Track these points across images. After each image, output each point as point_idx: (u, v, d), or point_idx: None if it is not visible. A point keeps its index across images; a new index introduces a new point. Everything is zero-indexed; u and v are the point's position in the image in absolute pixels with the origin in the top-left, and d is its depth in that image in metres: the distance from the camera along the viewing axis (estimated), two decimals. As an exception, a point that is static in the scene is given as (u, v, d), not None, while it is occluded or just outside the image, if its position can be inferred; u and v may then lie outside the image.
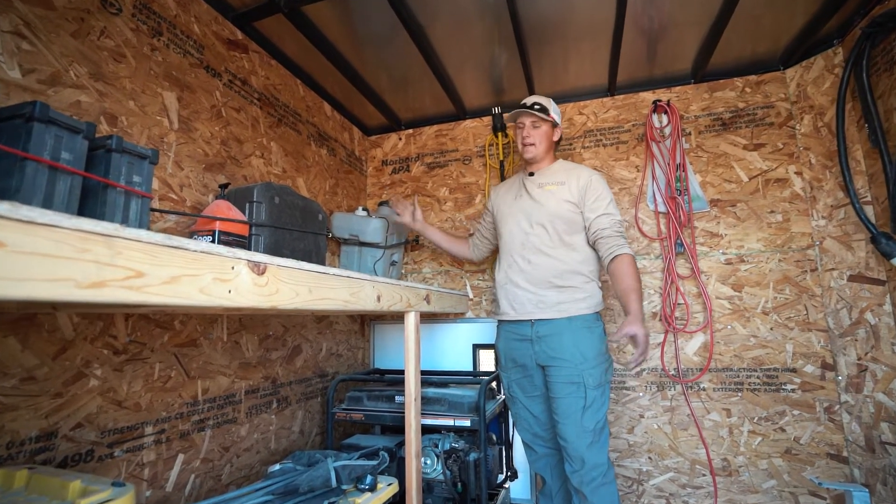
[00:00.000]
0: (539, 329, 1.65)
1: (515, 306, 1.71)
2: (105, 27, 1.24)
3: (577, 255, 1.67)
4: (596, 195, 1.67)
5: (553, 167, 1.79)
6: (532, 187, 1.76)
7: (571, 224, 1.68)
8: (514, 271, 1.73)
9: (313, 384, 2.06)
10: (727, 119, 2.14)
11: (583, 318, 1.62)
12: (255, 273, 0.86)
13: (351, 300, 1.18)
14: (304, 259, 1.76)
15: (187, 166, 1.47)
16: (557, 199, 1.69)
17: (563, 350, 1.59)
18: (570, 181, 1.70)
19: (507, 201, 1.84)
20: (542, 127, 1.75)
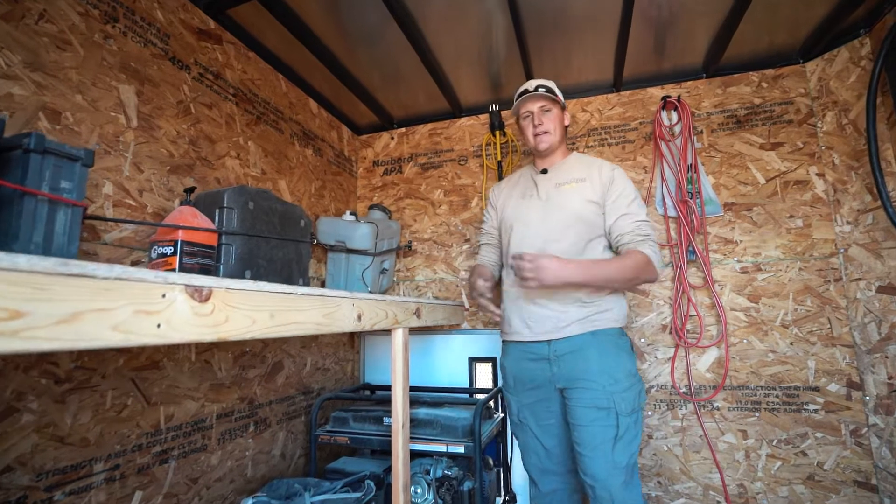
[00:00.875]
0: (558, 347, 1.40)
1: (531, 325, 1.44)
2: (45, 10, 1.08)
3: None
4: (618, 192, 1.43)
5: (569, 161, 1.54)
6: (546, 187, 1.51)
7: (592, 227, 1.44)
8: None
9: (297, 402, 1.91)
10: (742, 116, 1.99)
11: (608, 332, 1.39)
12: (196, 300, 0.71)
13: (324, 322, 1.03)
14: (284, 270, 1.61)
15: (148, 168, 1.32)
16: (581, 200, 1.44)
17: (587, 370, 1.34)
18: (592, 176, 1.46)
19: (515, 201, 1.58)
20: (553, 110, 1.51)
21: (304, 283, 1.70)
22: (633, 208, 1.42)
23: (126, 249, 1.24)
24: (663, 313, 1.97)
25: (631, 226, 1.40)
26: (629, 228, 1.40)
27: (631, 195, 1.44)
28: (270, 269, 1.54)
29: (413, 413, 1.71)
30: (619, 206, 1.42)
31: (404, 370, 1.46)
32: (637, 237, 1.38)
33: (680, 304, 1.92)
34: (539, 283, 1.25)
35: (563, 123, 1.54)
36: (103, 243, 1.18)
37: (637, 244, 1.37)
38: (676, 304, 1.92)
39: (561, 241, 1.43)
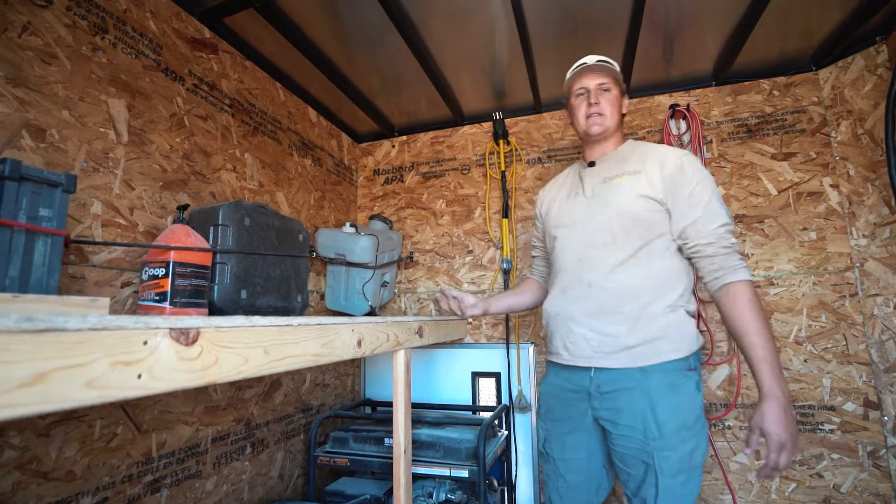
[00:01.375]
0: (600, 380, 1.19)
1: (569, 346, 1.24)
2: (29, 22, 1.03)
3: (657, 272, 1.17)
4: (690, 187, 1.15)
5: (622, 151, 1.31)
6: (593, 182, 1.29)
7: (650, 227, 1.18)
8: (568, 298, 1.26)
9: (295, 421, 1.86)
10: (753, 125, 1.93)
11: (664, 367, 1.12)
12: (182, 344, 0.65)
13: (323, 353, 0.98)
14: (282, 287, 1.56)
15: (140, 185, 1.27)
16: (631, 195, 1.20)
17: (630, 414, 1.13)
18: (649, 167, 1.21)
19: (559, 203, 1.39)
20: (613, 91, 1.28)
21: (302, 300, 1.64)
22: (712, 209, 1.14)
23: (116, 271, 1.19)
24: (672, 328, 1.91)
25: (711, 233, 1.13)
26: (709, 237, 1.13)
27: (707, 191, 1.15)
28: (268, 286, 1.49)
29: (415, 434, 1.66)
30: (692, 207, 1.14)
31: (406, 393, 1.40)
32: (721, 250, 1.12)
33: (690, 319, 1.86)
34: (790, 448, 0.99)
35: (622, 110, 1.32)
36: (91, 265, 1.13)
37: (729, 269, 1.11)
38: (686, 319, 1.86)
39: (608, 247, 1.20)
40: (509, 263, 2.11)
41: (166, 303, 1.15)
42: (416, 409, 1.99)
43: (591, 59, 1.32)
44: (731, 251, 1.13)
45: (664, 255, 1.18)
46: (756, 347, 1.04)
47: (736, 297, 1.09)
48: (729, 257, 1.12)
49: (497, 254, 2.18)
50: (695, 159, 1.21)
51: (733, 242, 1.14)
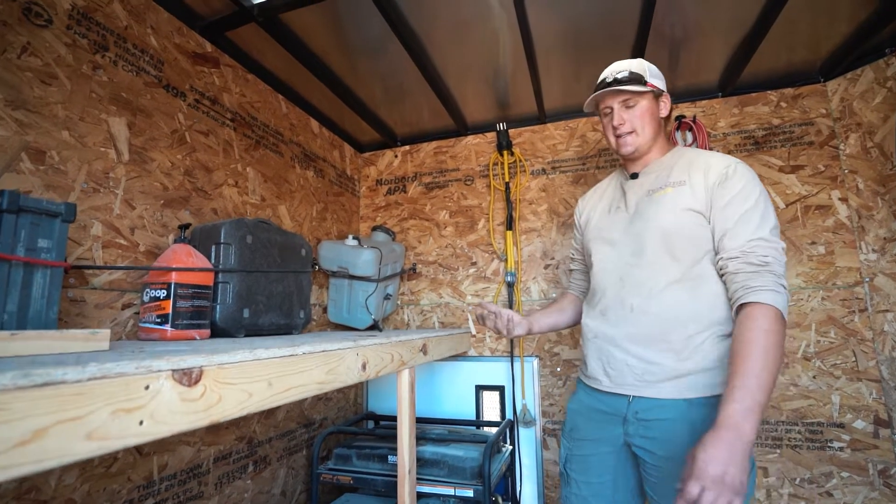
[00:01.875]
0: (639, 407, 1.08)
1: (610, 372, 1.14)
2: (29, 42, 1.01)
3: (709, 295, 1.04)
4: (730, 195, 1.01)
5: (666, 160, 1.17)
6: (636, 195, 1.18)
7: (698, 244, 1.05)
8: (609, 321, 1.15)
9: (298, 437, 1.84)
10: (760, 137, 1.91)
11: (714, 402, 0.94)
12: (185, 384, 0.63)
13: (327, 380, 0.96)
14: (284, 303, 1.54)
15: (141, 204, 1.25)
16: (674, 209, 1.07)
17: (671, 446, 1.00)
18: (694, 176, 1.08)
19: (599, 216, 1.28)
20: (641, 102, 1.15)
21: (305, 316, 1.63)
22: (750, 219, 0.98)
23: (116, 293, 1.17)
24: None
25: (738, 247, 0.98)
26: (735, 251, 0.98)
27: (748, 199, 1.00)
28: (270, 304, 1.47)
29: (419, 451, 1.64)
30: (728, 218, 1.00)
31: (411, 413, 1.39)
32: (746, 267, 0.96)
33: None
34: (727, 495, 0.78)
35: (658, 115, 1.17)
36: (92, 288, 1.11)
37: (751, 289, 0.93)
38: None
39: (653, 267, 1.09)
40: (513, 276, 2.09)
41: (168, 325, 1.13)
42: (420, 423, 1.97)
43: (610, 75, 1.18)
44: (760, 269, 0.94)
45: (714, 276, 1.05)
46: (742, 370, 0.86)
47: (748, 322, 0.91)
48: (756, 276, 0.94)
49: (501, 266, 2.16)
50: (745, 167, 1.06)
51: (766, 260, 0.94)
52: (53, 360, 0.62)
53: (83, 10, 1.13)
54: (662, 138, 1.20)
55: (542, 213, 2.15)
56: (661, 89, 1.17)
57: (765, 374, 0.86)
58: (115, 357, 0.65)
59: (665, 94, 1.19)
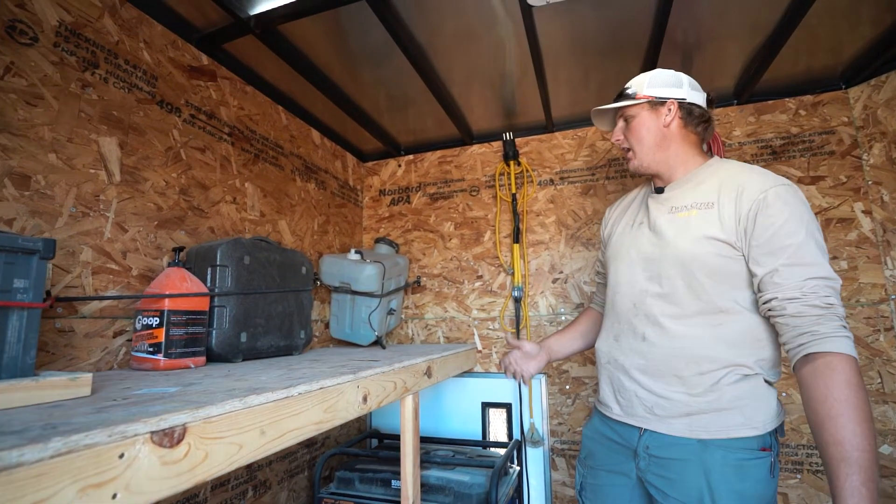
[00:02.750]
0: (650, 442, 1.01)
1: (621, 401, 1.09)
2: (13, 62, 0.97)
3: (728, 330, 0.96)
4: (776, 226, 0.89)
5: (697, 175, 1.06)
6: (659, 212, 1.08)
7: (721, 277, 0.96)
8: (621, 348, 1.10)
9: (299, 458, 1.79)
10: (778, 147, 1.84)
11: (731, 444, 0.92)
12: (166, 446, 0.58)
13: (325, 419, 0.90)
14: (284, 324, 1.48)
15: (133, 226, 1.20)
16: (694, 235, 0.98)
17: (684, 490, 0.94)
18: (724, 198, 0.97)
19: (622, 230, 1.20)
20: (638, 116, 1.09)
21: (305, 336, 1.57)
22: (804, 255, 0.87)
23: (108, 320, 1.12)
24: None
25: (796, 286, 0.86)
26: (793, 291, 0.86)
27: (799, 231, 0.88)
28: (269, 326, 1.42)
29: (423, 476, 1.58)
30: (773, 253, 0.89)
31: (414, 441, 1.33)
32: (810, 311, 0.84)
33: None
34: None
35: (659, 126, 1.08)
36: (81, 317, 1.07)
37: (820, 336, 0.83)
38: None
39: (668, 297, 1.01)
40: (520, 291, 2.03)
41: (160, 355, 1.08)
42: (425, 443, 1.91)
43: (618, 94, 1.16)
44: (825, 312, 0.83)
45: (741, 312, 0.96)
46: (845, 444, 0.76)
47: (825, 374, 0.80)
48: (823, 320, 0.83)
49: (508, 280, 2.10)
50: (788, 190, 0.92)
51: (831, 302, 0.84)
52: (23, 418, 0.57)
53: (71, 26, 1.08)
54: (680, 149, 1.09)
55: (551, 226, 2.09)
56: (662, 97, 1.07)
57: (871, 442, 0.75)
58: (91, 412, 0.60)
59: (670, 101, 1.07)
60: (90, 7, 1.13)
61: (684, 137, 1.09)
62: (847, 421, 0.77)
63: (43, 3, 1.03)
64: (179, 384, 0.86)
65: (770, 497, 0.92)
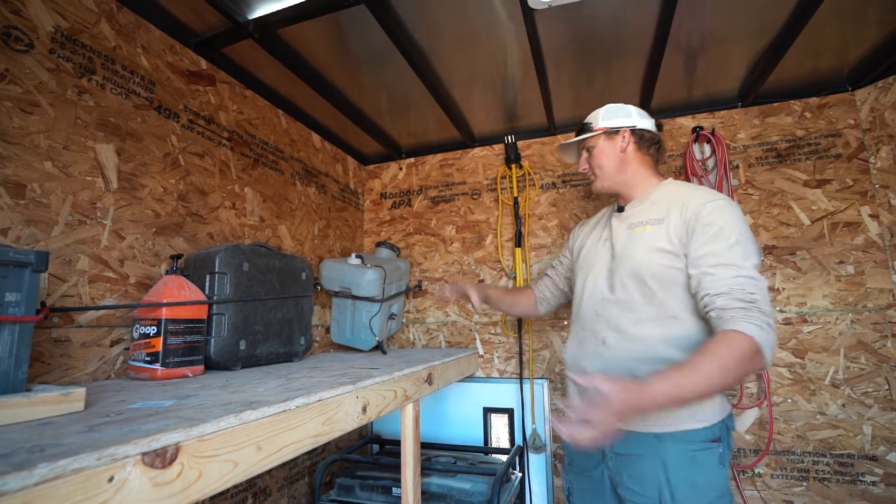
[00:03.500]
0: (614, 441, 1.11)
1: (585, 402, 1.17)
2: (7, 70, 0.96)
3: (677, 333, 1.06)
4: (710, 233, 1.01)
5: (652, 195, 1.20)
6: (619, 229, 1.21)
7: (670, 285, 1.07)
8: (584, 351, 1.21)
9: (299, 464, 1.77)
10: (783, 150, 1.81)
11: (683, 437, 1.02)
12: (158, 467, 0.56)
13: (324, 431, 0.89)
14: (283, 331, 1.46)
15: (131, 233, 1.19)
16: (649, 248, 1.10)
17: (644, 482, 1.05)
18: (672, 214, 1.09)
19: (589, 245, 1.32)
20: (598, 145, 1.25)
21: (306, 342, 1.56)
22: (731, 257, 0.97)
23: (105, 329, 1.11)
24: (697, 366, 1.80)
25: (725, 283, 0.95)
26: (722, 287, 0.95)
27: (730, 236, 0.99)
28: (269, 333, 1.40)
29: (425, 483, 1.57)
30: (707, 257, 1.00)
31: (415, 449, 1.31)
32: (735, 303, 0.92)
33: (716, 358, 1.74)
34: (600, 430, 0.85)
35: (616, 152, 1.23)
36: (77, 326, 1.05)
37: (734, 318, 0.91)
38: (712, 357, 1.74)
39: (625, 304, 1.12)
40: (523, 295, 2.01)
41: (158, 364, 1.07)
42: (426, 449, 1.90)
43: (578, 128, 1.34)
44: (748, 306, 0.91)
45: (687, 318, 1.06)
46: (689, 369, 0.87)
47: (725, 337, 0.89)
48: (744, 312, 0.91)
49: (510, 284, 2.08)
50: (723, 203, 1.04)
51: (755, 297, 0.92)
52: (12, 437, 0.56)
53: (67, 32, 1.07)
54: (640, 171, 1.24)
55: (553, 229, 2.07)
56: (613, 128, 1.24)
57: (697, 383, 0.87)
58: (82, 431, 0.59)
59: (623, 129, 1.23)
60: (86, 12, 1.12)
61: (640, 160, 1.24)
62: (705, 363, 0.87)
63: (38, 9, 1.02)
64: (175, 396, 0.85)
65: (721, 485, 1.02)
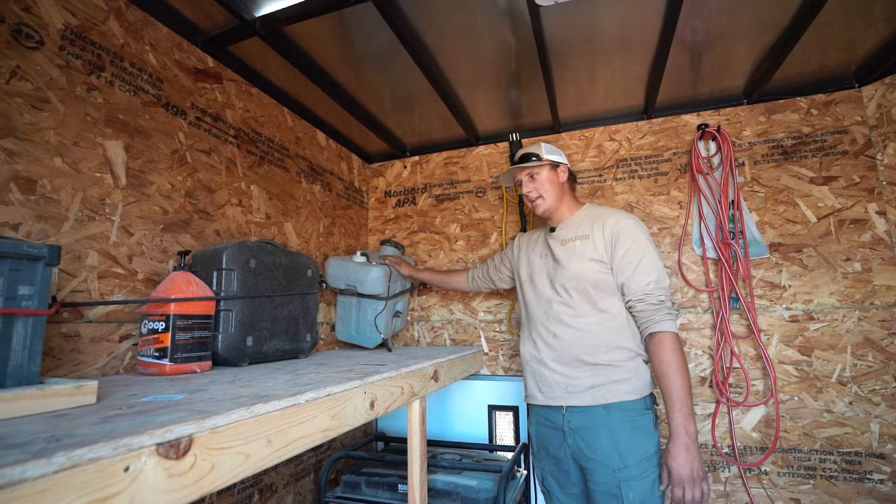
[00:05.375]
0: (571, 418, 1.33)
1: (543, 389, 1.41)
2: (18, 66, 0.96)
3: (611, 324, 1.33)
4: (625, 249, 1.32)
5: (576, 217, 1.47)
6: (555, 245, 1.46)
7: (602, 286, 1.35)
8: (539, 346, 1.43)
9: (305, 461, 1.78)
10: (789, 147, 1.81)
11: (624, 406, 1.28)
12: (172, 458, 0.57)
13: (332, 426, 0.89)
14: (290, 328, 1.47)
15: (139, 230, 1.20)
16: (581, 258, 1.37)
17: (597, 449, 1.27)
18: (596, 232, 1.38)
19: (532, 259, 1.56)
20: (542, 172, 1.47)
21: (311, 339, 1.56)
22: (645, 268, 1.29)
23: (114, 325, 1.12)
24: (702, 364, 1.79)
25: (640, 290, 1.29)
26: (638, 295, 1.29)
27: (638, 253, 1.31)
28: (275, 329, 1.41)
29: (430, 480, 1.57)
30: (626, 268, 1.31)
31: (422, 446, 1.32)
32: (651, 307, 1.27)
33: (722, 355, 1.74)
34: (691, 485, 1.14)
35: (560, 181, 1.49)
36: (87, 321, 1.06)
37: (655, 321, 1.25)
38: (718, 355, 1.74)
39: (569, 304, 1.38)
40: (527, 293, 2.02)
41: (166, 359, 1.07)
42: (431, 446, 1.90)
43: (518, 156, 1.52)
44: (659, 306, 1.26)
45: (618, 311, 1.33)
46: (672, 389, 1.19)
47: (660, 344, 1.23)
48: (657, 311, 1.26)
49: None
50: (632, 223, 1.35)
51: (662, 299, 1.27)
52: (28, 428, 0.56)
53: (77, 29, 1.08)
54: (569, 198, 1.50)
55: (557, 227, 2.07)
56: (558, 161, 1.48)
57: (686, 387, 1.19)
58: (97, 423, 0.59)
59: (563, 165, 1.49)
60: (96, 10, 1.12)
61: (569, 190, 1.51)
62: (672, 374, 1.20)
63: (49, 7, 1.02)
64: (185, 391, 0.85)
65: (655, 442, 1.26)
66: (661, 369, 1.21)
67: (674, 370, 1.20)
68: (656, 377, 1.24)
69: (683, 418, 1.16)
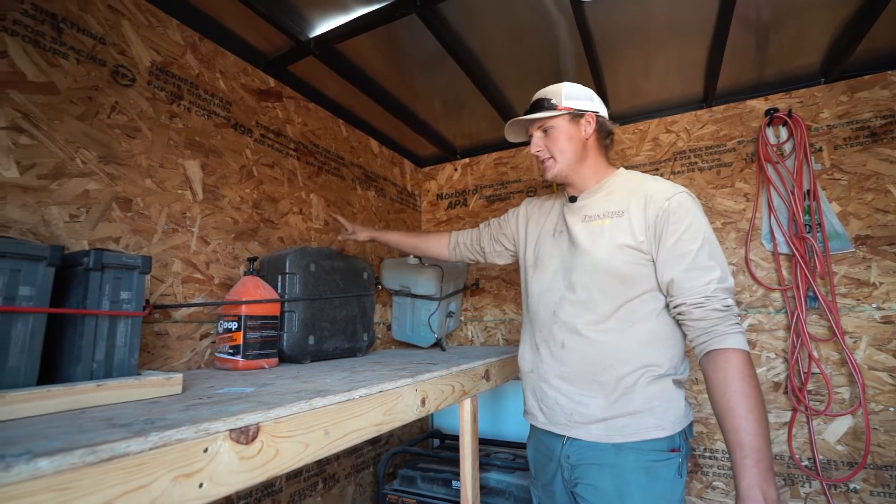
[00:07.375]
0: (570, 451, 1.04)
1: (544, 409, 1.10)
2: (117, 102, 1.12)
3: (641, 335, 0.99)
4: (678, 234, 0.95)
5: (607, 185, 1.10)
6: (574, 222, 1.10)
7: (632, 283, 1.00)
8: (541, 357, 1.11)
9: (365, 454, 1.87)
10: (878, 127, 1.62)
11: (642, 447, 0.96)
12: (243, 443, 0.64)
13: (385, 420, 0.95)
14: (348, 327, 1.56)
15: (214, 239, 1.34)
16: (609, 244, 1.02)
17: (598, 494, 0.99)
18: (633, 208, 1.02)
19: (542, 236, 1.20)
20: (557, 125, 1.08)
21: (368, 338, 1.65)
22: (700, 263, 0.93)
23: (195, 324, 1.26)
24: (775, 368, 1.66)
25: (697, 291, 0.93)
26: (695, 297, 0.93)
27: (696, 240, 0.95)
28: (334, 329, 1.50)
29: (483, 478, 1.59)
30: (677, 260, 0.95)
31: (473, 444, 1.34)
32: (715, 315, 0.91)
33: (798, 359, 1.60)
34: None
35: (579, 137, 1.09)
36: (174, 322, 1.20)
37: (719, 334, 0.90)
38: (793, 359, 1.60)
39: (585, 304, 1.04)
40: (580, 292, 1.98)
41: (239, 356, 1.19)
42: (484, 445, 1.92)
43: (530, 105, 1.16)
44: (725, 314, 0.91)
45: (650, 315, 1.00)
46: (742, 432, 0.84)
47: (727, 367, 0.88)
48: (723, 320, 0.91)
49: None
50: (687, 199, 0.98)
51: (728, 304, 0.92)
52: (129, 412, 0.67)
53: (161, 65, 1.23)
54: (595, 159, 1.12)
55: (611, 224, 2.01)
56: (580, 110, 1.09)
57: (764, 429, 0.84)
58: (181, 410, 0.69)
59: (588, 114, 1.09)
60: (175, 46, 1.27)
61: (598, 150, 1.12)
62: (742, 410, 0.85)
63: (139, 48, 1.18)
64: (255, 384, 0.95)
65: (678, 496, 0.96)
66: (727, 402, 0.86)
67: (747, 405, 0.84)
68: (717, 413, 0.89)
69: (759, 477, 0.80)
